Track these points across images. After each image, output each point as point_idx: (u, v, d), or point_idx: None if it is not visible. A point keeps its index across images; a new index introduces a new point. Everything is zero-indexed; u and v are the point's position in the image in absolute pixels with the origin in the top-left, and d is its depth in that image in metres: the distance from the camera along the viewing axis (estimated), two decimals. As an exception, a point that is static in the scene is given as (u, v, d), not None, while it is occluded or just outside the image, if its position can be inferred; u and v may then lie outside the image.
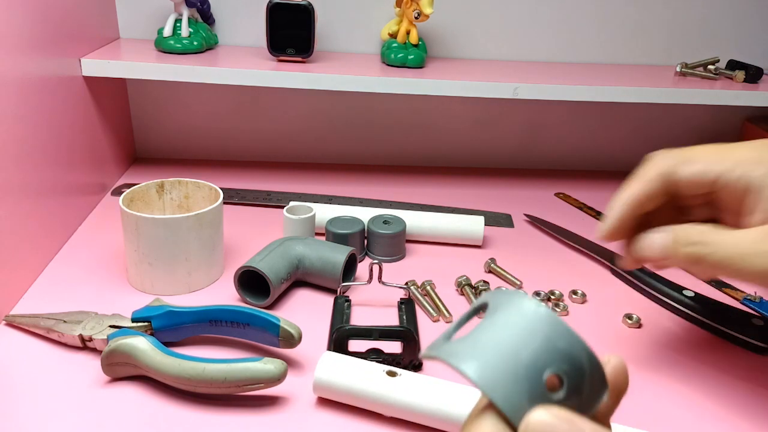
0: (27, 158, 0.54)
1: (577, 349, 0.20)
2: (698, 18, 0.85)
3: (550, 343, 0.20)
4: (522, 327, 0.20)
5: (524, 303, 0.21)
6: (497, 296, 0.22)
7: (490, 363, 0.20)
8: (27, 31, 0.54)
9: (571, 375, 0.20)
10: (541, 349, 0.20)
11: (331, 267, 0.56)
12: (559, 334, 0.20)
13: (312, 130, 0.87)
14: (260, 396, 0.44)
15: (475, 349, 0.20)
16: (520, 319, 0.21)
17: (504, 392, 0.19)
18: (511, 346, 0.20)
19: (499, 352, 0.20)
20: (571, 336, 0.20)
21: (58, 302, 0.53)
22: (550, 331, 0.20)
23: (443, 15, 0.81)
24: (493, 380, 0.20)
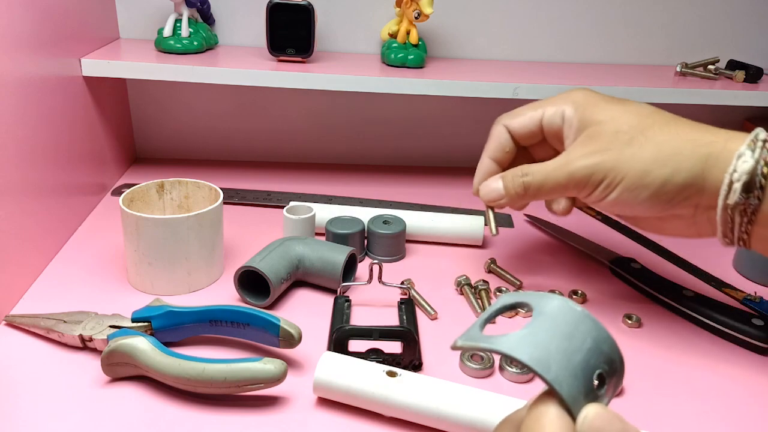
0: (27, 158, 0.54)
1: (615, 353, 0.23)
2: (698, 18, 0.85)
3: (597, 346, 0.23)
4: (573, 328, 0.23)
5: (570, 306, 0.24)
6: (540, 298, 0.25)
7: (552, 358, 0.22)
8: (27, 31, 0.54)
9: (610, 375, 0.23)
10: (592, 350, 0.23)
11: (331, 267, 0.56)
12: (603, 338, 0.23)
13: (312, 130, 0.87)
14: (260, 396, 0.44)
15: (534, 343, 0.23)
16: (571, 320, 0.23)
17: (568, 387, 0.22)
18: (567, 345, 0.23)
19: (559, 349, 0.22)
20: (612, 341, 0.23)
21: (58, 302, 0.53)
22: (597, 335, 0.23)
23: (443, 15, 0.81)
24: (559, 375, 0.22)
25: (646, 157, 0.43)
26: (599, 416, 0.22)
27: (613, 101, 0.47)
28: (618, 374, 0.24)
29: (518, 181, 0.48)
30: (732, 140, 0.42)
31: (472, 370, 0.47)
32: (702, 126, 0.45)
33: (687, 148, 0.42)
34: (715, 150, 0.42)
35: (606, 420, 0.22)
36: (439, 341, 0.51)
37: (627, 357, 0.52)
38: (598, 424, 0.22)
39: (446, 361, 0.49)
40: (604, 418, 0.22)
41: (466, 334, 0.25)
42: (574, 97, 0.48)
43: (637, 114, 0.45)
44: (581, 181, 0.45)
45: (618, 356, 0.24)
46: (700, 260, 0.67)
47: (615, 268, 0.63)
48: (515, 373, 0.47)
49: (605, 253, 0.65)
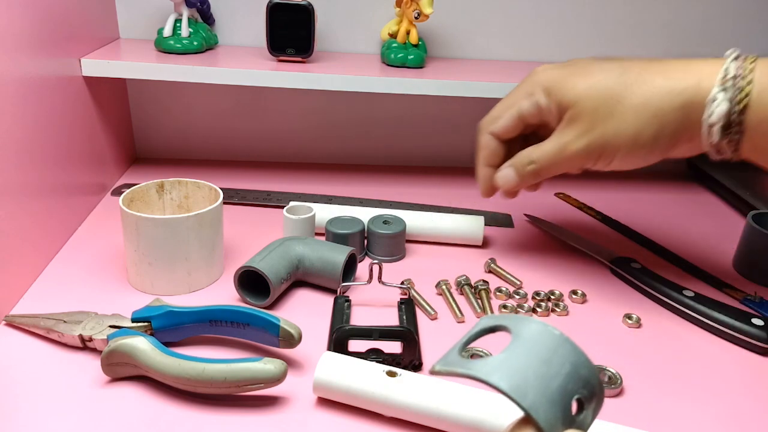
0: (27, 158, 0.54)
1: (593, 377, 0.23)
2: (698, 18, 0.85)
3: (575, 371, 0.22)
4: (551, 352, 0.22)
5: (547, 330, 0.23)
6: (517, 322, 0.24)
7: (529, 383, 0.22)
8: (27, 31, 0.54)
9: (588, 399, 0.23)
10: (570, 375, 0.22)
11: (331, 267, 0.56)
12: (581, 362, 0.23)
13: (312, 130, 0.87)
14: (260, 396, 0.44)
15: (510, 369, 0.22)
16: (550, 344, 0.23)
17: (545, 413, 0.21)
18: (545, 370, 0.22)
19: (536, 374, 0.22)
20: (590, 365, 0.23)
21: (58, 302, 0.53)
22: (575, 359, 0.23)
23: (443, 15, 0.81)
24: (535, 401, 0.21)
25: (630, 124, 0.45)
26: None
27: (577, 74, 0.49)
28: (597, 398, 0.23)
29: (528, 170, 0.52)
30: (705, 78, 0.45)
31: (472, 370, 0.47)
32: (673, 65, 0.47)
33: (665, 102, 0.45)
34: (690, 96, 0.45)
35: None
36: (439, 341, 0.51)
37: (627, 357, 0.52)
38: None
39: (446, 361, 0.49)
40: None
41: (443, 359, 0.24)
42: (541, 81, 0.50)
43: (605, 84, 0.47)
44: (581, 160, 0.49)
45: (597, 380, 0.23)
46: (700, 260, 0.67)
47: (615, 268, 0.63)
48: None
49: (605, 253, 0.65)
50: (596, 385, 0.23)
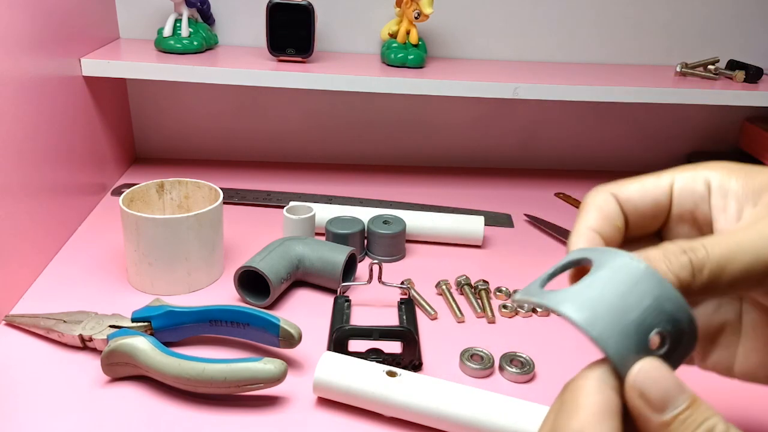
0: (27, 158, 0.54)
1: (681, 312, 0.22)
2: (698, 18, 0.85)
3: (658, 305, 0.22)
4: (633, 286, 0.22)
5: (633, 263, 0.22)
6: (601, 254, 0.24)
7: (602, 315, 0.21)
8: (27, 31, 0.54)
9: (673, 335, 0.22)
10: (650, 309, 0.21)
11: (331, 267, 0.56)
12: (667, 297, 0.22)
13: (312, 130, 0.87)
14: (260, 396, 0.44)
15: (584, 300, 0.22)
16: (630, 278, 0.22)
17: (615, 345, 0.21)
18: (621, 302, 0.22)
19: (611, 306, 0.21)
20: (678, 299, 0.22)
21: (58, 302, 0.53)
22: (660, 292, 0.22)
23: (443, 15, 0.81)
24: (605, 332, 0.21)
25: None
26: (647, 371, 0.21)
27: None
28: (687, 336, 0.22)
29: (682, 260, 0.24)
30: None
31: (472, 370, 0.47)
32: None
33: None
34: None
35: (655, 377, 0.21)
36: (439, 341, 0.51)
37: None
38: (642, 380, 0.21)
39: (446, 361, 0.49)
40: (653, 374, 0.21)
41: (525, 289, 0.24)
42: (716, 163, 0.30)
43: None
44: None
45: (686, 316, 0.22)
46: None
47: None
48: (515, 373, 0.47)
49: (605, 253, 0.65)
50: (684, 321, 0.22)
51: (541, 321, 0.55)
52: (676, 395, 0.21)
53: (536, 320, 0.55)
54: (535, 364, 0.48)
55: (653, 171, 1.04)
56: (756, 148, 0.87)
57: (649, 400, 0.21)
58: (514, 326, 0.54)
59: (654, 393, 0.21)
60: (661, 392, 0.21)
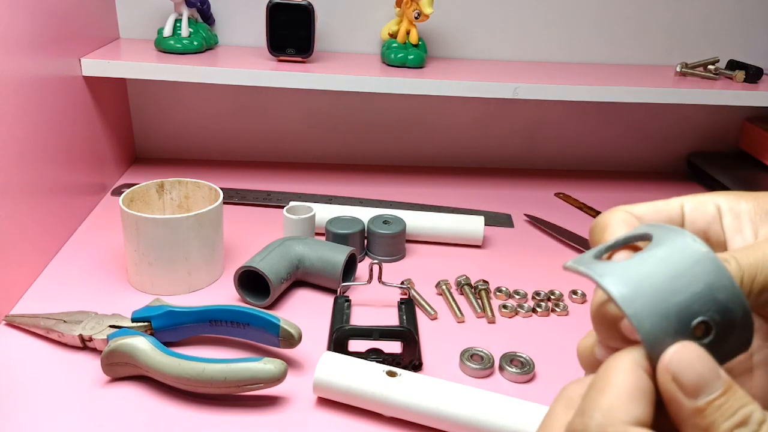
0: (27, 158, 0.54)
1: (734, 304, 0.20)
2: (698, 18, 0.85)
3: (710, 292, 0.20)
4: (687, 268, 0.21)
5: (694, 245, 0.21)
6: (664, 231, 0.22)
7: (644, 294, 0.20)
8: (27, 31, 0.54)
9: (721, 326, 0.20)
10: (699, 295, 0.20)
11: (331, 267, 0.56)
12: (722, 285, 0.20)
13: (312, 130, 0.87)
14: (260, 396, 0.44)
15: (630, 275, 0.21)
16: (687, 260, 0.21)
17: (650, 326, 0.20)
18: (669, 284, 0.20)
19: (656, 285, 0.20)
20: (734, 290, 0.20)
21: (58, 302, 0.53)
22: (714, 280, 0.20)
23: (443, 15, 0.81)
24: (642, 311, 0.20)
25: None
26: (682, 354, 0.20)
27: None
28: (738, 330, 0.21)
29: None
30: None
31: (472, 370, 0.47)
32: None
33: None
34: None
35: (690, 360, 0.19)
36: (439, 341, 0.51)
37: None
38: (677, 362, 0.20)
39: (446, 361, 0.49)
40: (687, 357, 0.20)
41: (578, 258, 0.23)
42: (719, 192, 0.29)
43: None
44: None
45: (740, 309, 0.20)
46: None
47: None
48: (515, 373, 0.47)
49: (605, 253, 0.65)
50: (737, 313, 0.20)
51: (541, 321, 0.55)
52: (712, 380, 0.20)
53: (536, 320, 0.55)
54: (535, 364, 0.48)
55: (653, 171, 1.04)
56: (756, 148, 0.87)
57: (682, 384, 0.20)
58: (514, 326, 0.54)
59: (688, 377, 0.20)
60: (695, 376, 0.20)
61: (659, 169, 0.94)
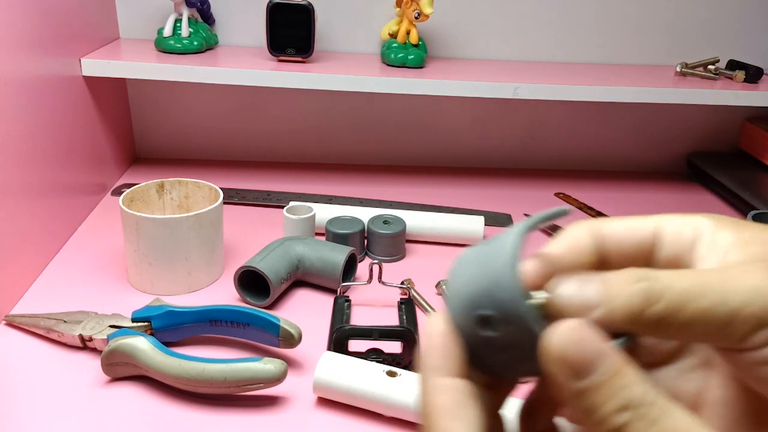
0: (27, 158, 0.54)
1: (511, 309, 0.20)
2: (698, 18, 0.85)
3: (492, 288, 0.20)
4: (491, 262, 0.21)
5: (510, 243, 0.21)
6: (517, 226, 0.22)
7: (459, 274, 0.22)
8: (27, 31, 0.54)
9: (500, 324, 0.20)
10: (483, 290, 0.20)
11: (331, 267, 0.56)
12: (504, 285, 0.20)
13: (312, 130, 0.87)
14: (260, 396, 0.44)
15: (467, 257, 0.22)
16: (497, 254, 0.21)
17: (452, 305, 0.21)
18: (476, 272, 0.21)
19: (467, 272, 0.21)
20: (512, 295, 0.20)
21: (58, 302, 0.53)
22: (500, 276, 0.20)
23: (443, 15, 0.81)
24: (452, 291, 0.21)
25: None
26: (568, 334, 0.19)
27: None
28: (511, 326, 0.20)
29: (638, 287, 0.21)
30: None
31: (472, 370, 0.47)
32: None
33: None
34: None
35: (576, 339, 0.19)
36: (439, 341, 0.51)
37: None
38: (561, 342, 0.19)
39: (446, 361, 0.49)
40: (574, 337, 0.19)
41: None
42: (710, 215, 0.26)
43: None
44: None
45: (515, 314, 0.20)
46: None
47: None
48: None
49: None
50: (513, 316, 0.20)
51: (541, 321, 0.55)
52: (598, 359, 0.18)
53: (536, 320, 0.55)
54: (535, 364, 0.48)
55: (653, 171, 1.04)
56: (756, 148, 0.87)
57: (568, 364, 0.19)
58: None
59: (573, 358, 0.18)
60: (579, 354, 0.18)
61: (659, 169, 0.94)
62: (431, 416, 0.20)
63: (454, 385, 0.20)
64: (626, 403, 0.18)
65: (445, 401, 0.20)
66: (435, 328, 0.22)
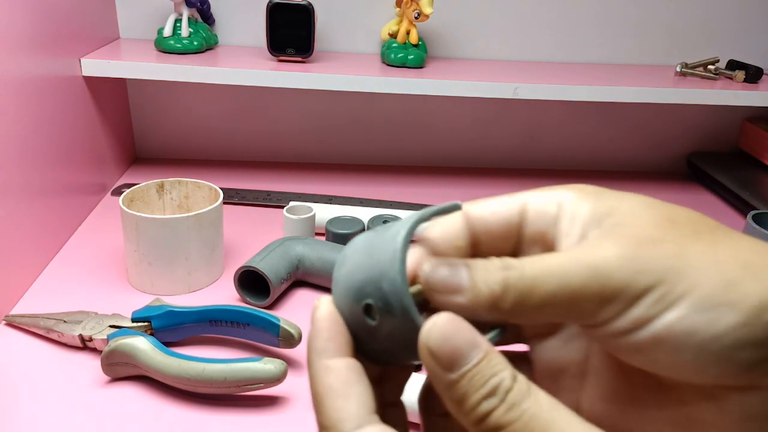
0: (27, 158, 0.54)
1: (394, 299, 0.20)
2: (698, 18, 0.85)
3: (379, 279, 0.21)
4: (379, 253, 0.21)
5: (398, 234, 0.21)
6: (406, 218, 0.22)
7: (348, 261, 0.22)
8: (27, 31, 0.54)
9: (383, 313, 0.21)
10: (370, 279, 0.21)
11: (331, 267, 0.56)
12: (390, 277, 0.20)
13: (312, 130, 0.87)
14: (260, 396, 0.44)
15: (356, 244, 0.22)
16: (385, 245, 0.21)
17: (338, 292, 0.22)
18: (364, 261, 0.21)
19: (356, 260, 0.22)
20: (395, 286, 0.20)
21: (58, 302, 0.53)
22: (387, 270, 0.21)
23: (443, 15, 0.81)
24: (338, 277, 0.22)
25: (726, 259, 0.21)
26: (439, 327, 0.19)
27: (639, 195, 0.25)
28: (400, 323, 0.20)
29: (496, 276, 0.22)
30: None
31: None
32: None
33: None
34: None
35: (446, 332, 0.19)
36: (439, 341, 0.51)
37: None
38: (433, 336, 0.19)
39: (446, 361, 0.49)
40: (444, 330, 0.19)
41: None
42: (576, 186, 0.27)
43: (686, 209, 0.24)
44: (610, 289, 0.21)
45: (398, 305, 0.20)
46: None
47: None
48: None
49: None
50: (397, 310, 0.20)
51: (541, 321, 0.55)
52: (468, 351, 0.19)
53: (536, 320, 0.55)
54: (535, 364, 0.48)
55: (653, 171, 1.04)
56: (756, 148, 0.87)
57: (438, 357, 0.19)
58: (514, 326, 0.54)
59: (443, 350, 0.19)
60: (451, 348, 0.19)
61: (659, 169, 0.94)
62: (321, 397, 0.21)
63: (342, 365, 0.21)
64: (492, 389, 0.19)
65: (333, 381, 0.21)
66: (321, 311, 0.22)
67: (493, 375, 0.19)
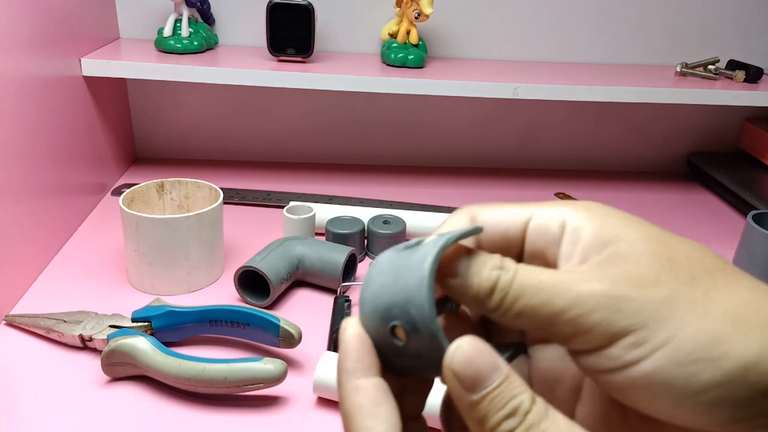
0: (27, 158, 0.54)
1: (421, 323, 0.21)
2: (698, 18, 0.85)
3: (406, 304, 0.21)
4: (407, 276, 0.21)
5: (425, 260, 0.21)
6: (435, 238, 0.22)
7: (374, 282, 0.22)
8: (27, 31, 0.54)
9: (410, 336, 0.21)
10: (396, 303, 0.21)
11: (331, 267, 0.56)
12: (418, 303, 0.21)
13: (312, 130, 0.87)
14: (260, 396, 0.44)
15: (382, 264, 0.23)
16: (412, 268, 0.21)
17: (364, 312, 0.22)
18: (390, 284, 0.22)
19: (382, 282, 0.22)
20: (422, 311, 0.21)
21: (58, 302, 0.53)
22: (415, 294, 0.21)
23: (443, 15, 0.81)
24: (365, 297, 0.22)
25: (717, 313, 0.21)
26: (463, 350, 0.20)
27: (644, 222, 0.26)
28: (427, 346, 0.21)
29: (489, 274, 0.23)
30: None
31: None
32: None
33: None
34: None
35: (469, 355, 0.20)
36: (439, 341, 0.51)
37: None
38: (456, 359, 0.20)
39: (446, 361, 0.49)
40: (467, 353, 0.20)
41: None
42: (583, 204, 0.26)
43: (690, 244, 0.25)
44: (587, 322, 0.21)
45: (426, 329, 0.21)
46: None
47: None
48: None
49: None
50: (425, 333, 0.21)
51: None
52: (489, 374, 0.20)
53: (536, 320, 0.55)
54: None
55: (653, 171, 1.04)
56: (756, 148, 0.87)
57: (461, 379, 0.20)
58: (514, 326, 0.54)
59: (466, 372, 0.20)
60: (473, 371, 0.20)
61: (659, 169, 0.94)
62: (351, 417, 0.21)
63: (370, 385, 0.22)
64: (512, 411, 0.19)
65: (362, 401, 0.21)
66: (349, 332, 0.23)
67: (513, 397, 0.20)
